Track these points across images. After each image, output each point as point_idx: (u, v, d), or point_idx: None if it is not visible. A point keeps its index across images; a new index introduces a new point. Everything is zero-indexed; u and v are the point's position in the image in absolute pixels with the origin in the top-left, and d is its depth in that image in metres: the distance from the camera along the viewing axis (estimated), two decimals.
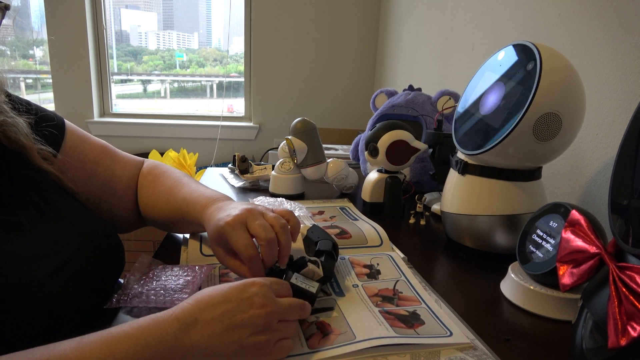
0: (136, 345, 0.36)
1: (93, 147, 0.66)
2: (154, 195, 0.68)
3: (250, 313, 0.40)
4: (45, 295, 0.44)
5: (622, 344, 0.35)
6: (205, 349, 0.38)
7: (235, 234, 0.51)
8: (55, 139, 0.60)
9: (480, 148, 0.65)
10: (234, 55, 2.83)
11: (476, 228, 0.70)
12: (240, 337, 0.39)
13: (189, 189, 0.64)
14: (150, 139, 2.53)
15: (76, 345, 0.36)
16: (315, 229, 0.64)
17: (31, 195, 0.52)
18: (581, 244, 0.46)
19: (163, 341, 0.37)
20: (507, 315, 0.55)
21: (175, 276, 0.55)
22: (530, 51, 0.62)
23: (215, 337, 0.39)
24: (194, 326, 0.39)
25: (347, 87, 2.52)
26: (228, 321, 0.40)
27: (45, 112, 0.61)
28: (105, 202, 0.66)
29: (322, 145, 1.00)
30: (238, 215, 0.52)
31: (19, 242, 0.46)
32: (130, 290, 0.52)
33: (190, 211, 0.61)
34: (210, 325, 0.39)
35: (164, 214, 0.66)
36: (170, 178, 0.69)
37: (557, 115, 0.60)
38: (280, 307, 0.43)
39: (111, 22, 2.59)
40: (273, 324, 0.42)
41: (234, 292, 0.42)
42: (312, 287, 0.49)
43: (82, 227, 0.55)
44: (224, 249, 0.54)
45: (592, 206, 0.80)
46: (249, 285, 0.43)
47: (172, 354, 0.37)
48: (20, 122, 0.53)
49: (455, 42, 1.45)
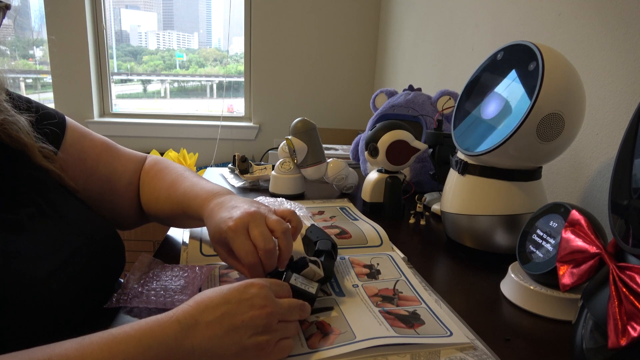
0: (137, 347, 0.36)
1: (94, 144, 0.66)
2: (156, 190, 0.67)
3: (250, 314, 0.40)
4: (45, 295, 0.44)
5: (622, 344, 0.35)
6: (207, 351, 0.39)
7: (238, 241, 0.50)
8: (56, 137, 0.60)
9: (482, 149, 0.65)
10: (234, 55, 2.83)
11: (476, 228, 0.70)
12: (241, 338, 0.40)
13: (189, 183, 0.64)
14: (150, 139, 2.53)
15: (77, 345, 0.36)
16: (314, 229, 0.65)
17: (32, 194, 0.52)
18: (581, 244, 0.46)
19: (164, 343, 0.37)
20: (507, 315, 0.55)
21: (176, 276, 0.55)
22: (530, 51, 0.62)
23: (216, 339, 0.39)
24: (194, 328, 0.39)
25: (347, 87, 2.52)
26: (228, 322, 0.40)
27: (46, 110, 0.61)
28: (106, 200, 0.66)
29: (322, 145, 1.00)
30: (240, 220, 0.51)
31: (19, 241, 0.46)
32: (130, 290, 0.52)
33: (191, 205, 0.61)
34: (211, 326, 0.39)
35: (166, 209, 0.66)
36: (171, 173, 0.68)
37: (560, 116, 0.60)
38: (280, 308, 0.43)
39: (111, 22, 2.59)
40: (273, 325, 0.42)
41: (233, 294, 0.42)
42: (312, 288, 0.49)
43: (82, 227, 0.55)
44: (225, 249, 0.54)
45: (592, 206, 0.80)
46: (248, 287, 0.43)
47: (173, 356, 0.37)
48: (21, 121, 0.53)
49: (455, 42, 1.45)
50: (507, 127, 0.62)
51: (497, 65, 0.69)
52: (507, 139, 0.61)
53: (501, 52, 0.69)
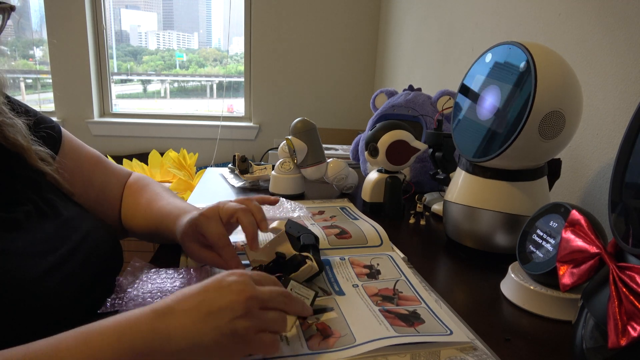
0: (111, 336, 0.36)
1: (89, 155, 0.68)
2: (133, 207, 0.69)
3: (228, 299, 0.39)
4: (42, 293, 0.44)
5: (622, 344, 0.35)
6: (183, 338, 0.37)
7: (211, 224, 0.54)
8: (54, 142, 0.61)
9: (488, 155, 0.65)
10: (234, 55, 2.83)
11: (477, 227, 0.70)
12: (219, 324, 0.38)
13: (165, 202, 0.66)
14: (150, 139, 2.53)
15: (54, 340, 0.35)
16: (292, 224, 0.64)
17: (29, 193, 0.52)
18: (581, 244, 0.46)
19: (138, 331, 0.36)
20: (507, 315, 0.55)
21: (171, 278, 0.56)
22: (519, 51, 0.62)
23: (192, 326, 0.37)
24: (170, 315, 0.38)
25: (347, 87, 2.52)
26: (206, 308, 0.38)
27: (43, 116, 0.62)
28: (98, 210, 0.67)
29: (322, 145, 1.00)
30: (211, 208, 0.56)
31: (16, 239, 0.46)
32: (125, 294, 0.52)
33: (163, 222, 0.63)
34: (188, 313, 0.38)
35: (142, 225, 0.68)
36: (149, 191, 0.70)
37: (560, 112, 0.60)
38: (261, 293, 0.41)
39: (111, 22, 2.59)
40: (253, 311, 0.40)
41: (212, 283, 0.40)
42: (307, 299, 0.50)
43: (79, 225, 0.55)
44: (197, 243, 0.56)
45: (592, 206, 0.80)
46: (227, 275, 0.41)
47: (148, 344, 0.36)
48: (19, 123, 0.54)
49: (455, 42, 1.45)
50: (510, 130, 0.62)
51: (486, 67, 0.69)
52: (512, 142, 0.61)
53: (489, 53, 0.69)
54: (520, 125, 0.60)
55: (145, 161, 2.14)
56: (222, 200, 0.59)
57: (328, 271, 0.62)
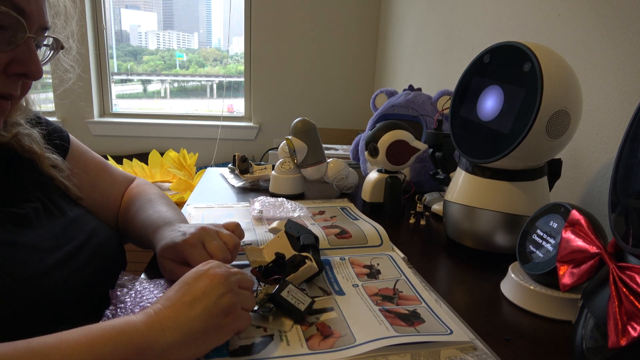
0: (111, 331, 0.38)
1: (95, 160, 0.71)
2: (127, 213, 0.71)
3: (208, 282, 0.43)
4: (48, 286, 0.46)
5: (622, 344, 0.35)
6: (176, 329, 0.40)
7: (194, 252, 0.53)
8: (64, 149, 0.65)
9: (493, 156, 0.65)
10: (234, 55, 2.83)
11: (477, 227, 0.70)
12: (206, 305, 0.41)
13: (152, 211, 0.67)
14: (150, 139, 2.53)
15: (56, 336, 0.37)
16: (292, 224, 0.65)
17: (37, 193, 0.55)
18: (581, 244, 0.46)
19: (135, 327, 0.39)
20: (507, 315, 0.55)
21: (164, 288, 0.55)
22: (521, 51, 0.62)
23: (182, 315, 0.40)
24: (160, 312, 0.40)
25: (347, 87, 2.52)
26: (190, 296, 0.42)
27: (53, 125, 0.66)
28: (102, 214, 0.69)
29: (322, 145, 1.00)
30: (195, 235, 0.54)
31: (25, 234, 0.49)
32: (124, 304, 0.52)
33: (145, 231, 0.64)
34: (174, 304, 0.41)
35: (132, 233, 0.69)
36: (141, 199, 0.71)
37: (566, 111, 0.61)
38: (236, 273, 0.46)
39: (111, 22, 2.59)
40: (234, 288, 0.44)
41: (189, 275, 0.44)
42: (302, 304, 0.49)
43: (84, 225, 0.58)
44: (175, 262, 0.55)
45: (592, 206, 0.80)
46: (202, 266, 0.45)
47: (144, 338, 0.38)
48: (34, 133, 0.59)
49: (455, 42, 1.45)
50: (517, 131, 0.62)
51: (485, 67, 0.68)
52: (520, 143, 0.61)
53: (487, 54, 0.68)
54: (529, 125, 0.60)
55: (145, 161, 2.14)
56: (205, 226, 0.58)
57: (328, 271, 0.62)
